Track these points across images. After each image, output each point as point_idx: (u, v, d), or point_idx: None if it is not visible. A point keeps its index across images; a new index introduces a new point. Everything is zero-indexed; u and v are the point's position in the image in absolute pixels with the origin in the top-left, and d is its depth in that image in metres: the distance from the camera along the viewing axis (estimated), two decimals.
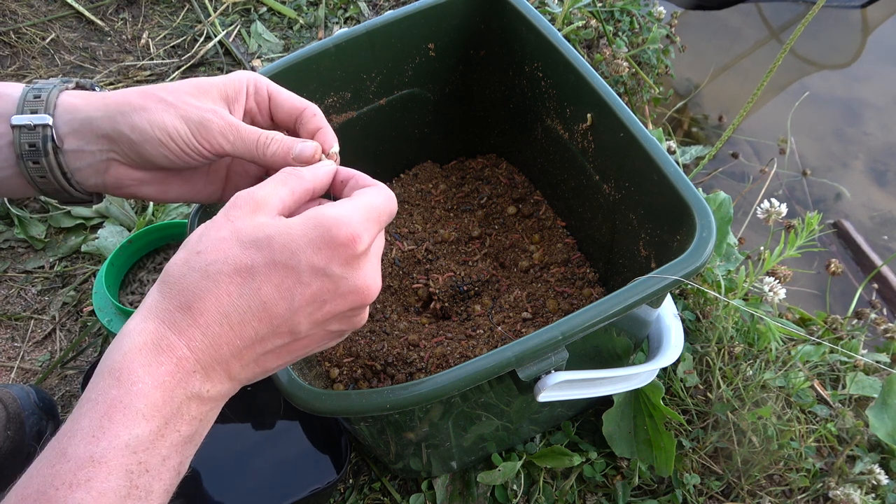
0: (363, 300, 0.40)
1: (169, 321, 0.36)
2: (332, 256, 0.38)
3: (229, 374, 0.38)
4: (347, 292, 0.39)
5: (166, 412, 0.35)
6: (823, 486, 0.76)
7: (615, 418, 0.76)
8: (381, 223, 0.41)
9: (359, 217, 0.39)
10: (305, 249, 0.37)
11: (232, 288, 0.37)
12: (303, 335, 0.39)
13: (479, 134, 0.90)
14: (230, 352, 0.37)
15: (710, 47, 1.56)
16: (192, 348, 0.36)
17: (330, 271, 0.38)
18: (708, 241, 0.54)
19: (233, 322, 0.37)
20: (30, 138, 0.47)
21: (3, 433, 0.73)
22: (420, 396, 0.49)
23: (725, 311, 0.81)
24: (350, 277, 0.39)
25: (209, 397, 0.37)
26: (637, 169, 0.63)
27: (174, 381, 0.36)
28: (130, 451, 0.34)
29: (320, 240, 0.38)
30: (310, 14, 1.29)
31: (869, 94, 1.49)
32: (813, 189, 1.33)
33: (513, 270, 0.81)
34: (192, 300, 0.36)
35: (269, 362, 0.40)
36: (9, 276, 0.97)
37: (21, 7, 1.27)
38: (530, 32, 0.72)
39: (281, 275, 0.37)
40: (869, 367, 0.86)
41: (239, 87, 0.49)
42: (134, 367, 0.35)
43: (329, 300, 0.39)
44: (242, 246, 0.37)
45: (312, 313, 0.39)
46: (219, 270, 0.37)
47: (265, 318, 0.37)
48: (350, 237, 0.38)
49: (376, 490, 0.77)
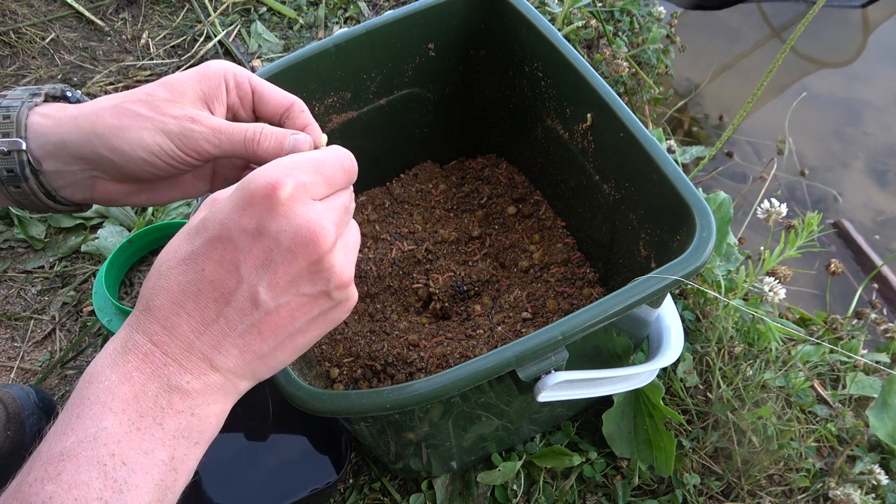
0: (315, 248, 0.37)
1: (133, 325, 0.37)
2: (259, 213, 0.36)
3: (209, 362, 0.37)
4: (291, 244, 0.36)
5: (140, 406, 0.35)
6: (823, 486, 0.76)
7: (615, 418, 0.76)
8: (319, 171, 0.38)
9: (278, 167, 0.37)
10: (232, 215, 0.36)
11: (180, 277, 0.37)
12: (272, 306, 0.37)
13: (479, 134, 0.90)
14: (197, 338, 0.37)
15: (710, 47, 1.56)
16: (155, 342, 0.36)
17: (263, 228, 0.36)
18: (708, 241, 0.54)
19: (189, 308, 0.37)
20: (6, 164, 0.45)
21: (3, 433, 0.73)
22: (420, 396, 0.49)
23: (725, 311, 0.81)
24: (286, 228, 0.36)
25: (193, 389, 0.37)
26: (637, 169, 0.63)
27: (144, 376, 0.36)
28: (100, 444, 0.34)
29: (242, 200, 0.36)
30: (310, 14, 1.29)
31: (869, 93, 1.49)
32: (813, 189, 1.33)
33: (513, 270, 0.81)
34: (150, 300, 0.37)
35: (254, 345, 0.38)
36: (9, 276, 0.97)
37: (21, 7, 1.27)
38: (530, 32, 0.72)
39: (219, 249, 0.37)
40: (869, 367, 0.86)
41: (217, 82, 0.47)
42: (102, 368, 0.36)
43: (278, 260, 0.36)
44: (187, 237, 0.38)
45: (269, 279, 0.37)
46: (167, 266, 0.37)
47: (219, 297, 0.37)
48: (267, 185, 0.36)
49: (376, 490, 0.77)
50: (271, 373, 0.41)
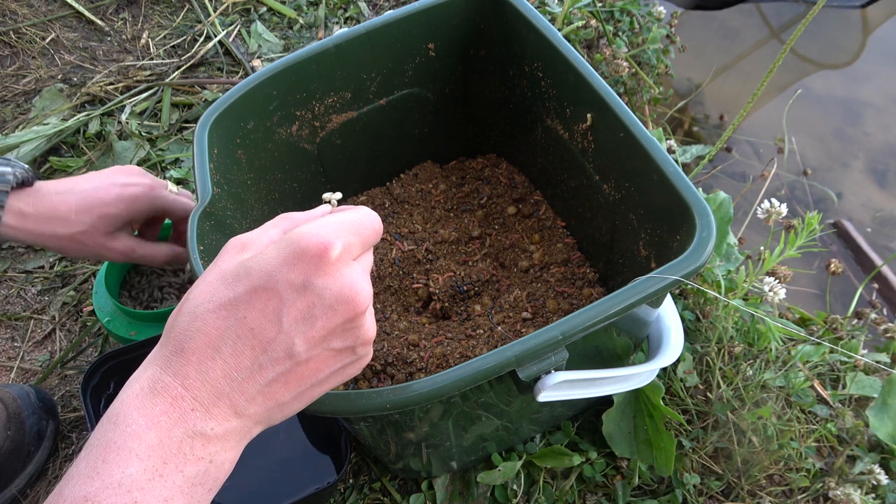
0: (354, 308, 0.39)
1: (164, 365, 0.37)
2: (307, 269, 0.38)
3: (234, 409, 0.38)
4: (334, 301, 0.38)
5: (164, 452, 0.35)
6: (823, 486, 0.76)
7: (615, 418, 0.76)
8: (359, 234, 0.41)
9: (328, 228, 0.39)
10: (281, 268, 0.38)
11: (219, 322, 0.37)
12: (303, 358, 0.39)
13: (479, 134, 0.90)
14: (228, 384, 0.37)
15: (710, 47, 1.56)
16: (186, 386, 0.36)
17: (310, 284, 0.38)
18: (708, 241, 0.54)
19: (225, 354, 0.37)
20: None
21: (3, 433, 0.73)
22: (420, 396, 0.49)
23: (725, 311, 0.81)
24: (332, 286, 0.38)
25: (214, 435, 0.37)
26: (637, 169, 0.63)
27: (171, 421, 0.36)
28: (124, 490, 0.34)
29: (293, 256, 0.38)
30: (310, 14, 1.29)
31: (869, 93, 1.49)
32: (813, 189, 1.33)
33: (513, 270, 0.81)
34: (184, 342, 0.37)
35: (279, 394, 0.39)
36: (9, 276, 0.97)
37: (21, 7, 1.27)
38: (530, 32, 0.72)
39: (263, 299, 0.37)
40: (869, 367, 0.86)
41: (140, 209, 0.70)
42: (129, 410, 0.36)
43: (318, 315, 0.38)
44: (225, 282, 0.38)
45: (306, 331, 0.38)
46: (206, 309, 0.38)
47: (257, 345, 0.37)
48: (320, 245, 0.38)
49: (376, 490, 0.77)
50: (282, 419, 0.42)
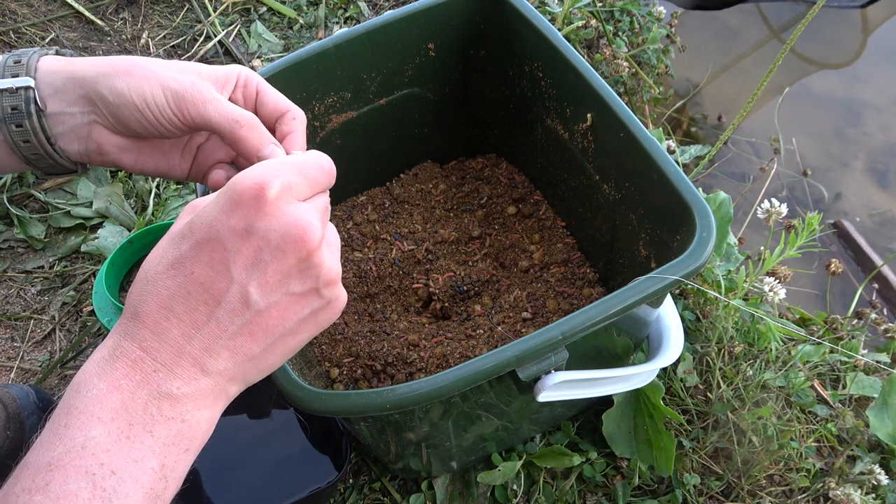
0: (304, 245, 0.37)
1: (121, 332, 0.37)
2: (247, 213, 0.37)
3: (200, 366, 0.37)
4: (281, 242, 0.37)
5: (129, 414, 0.35)
6: (823, 486, 0.76)
7: (615, 418, 0.76)
8: (302, 173, 0.39)
9: (262, 169, 0.38)
10: (220, 217, 0.37)
11: (168, 281, 0.37)
12: (262, 306, 0.37)
13: (479, 134, 0.90)
14: (188, 342, 0.37)
15: (710, 47, 1.56)
16: (145, 349, 0.36)
17: (252, 228, 0.37)
18: (708, 240, 0.54)
19: (179, 313, 0.37)
20: (12, 101, 0.47)
21: (3, 433, 0.73)
22: (420, 396, 0.49)
23: (725, 311, 0.81)
24: (276, 227, 0.37)
25: (182, 395, 0.37)
26: (637, 169, 0.63)
27: (133, 383, 0.36)
28: (89, 453, 0.34)
29: (230, 202, 0.37)
30: (310, 14, 1.29)
31: (869, 94, 1.49)
32: (813, 189, 1.33)
33: (513, 270, 0.81)
34: (137, 306, 0.37)
35: (245, 346, 0.38)
36: (9, 276, 0.97)
37: (21, 7, 1.27)
38: (530, 32, 0.72)
39: (208, 251, 0.37)
40: (869, 367, 0.86)
41: (229, 75, 0.50)
42: (90, 377, 0.36)
43: (268, 259, 0.37)
44: (172, 242, 0.38)
45: (259, 278, 0.37)
46: (156, 272, 0.37)
47: (210, 299, 0.37)
48: (254, 186, 0.37)
49: (376, 490, 0.77)
50: (261, 376, 0.41)
